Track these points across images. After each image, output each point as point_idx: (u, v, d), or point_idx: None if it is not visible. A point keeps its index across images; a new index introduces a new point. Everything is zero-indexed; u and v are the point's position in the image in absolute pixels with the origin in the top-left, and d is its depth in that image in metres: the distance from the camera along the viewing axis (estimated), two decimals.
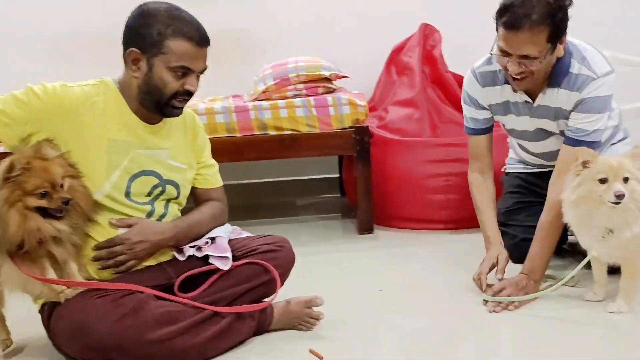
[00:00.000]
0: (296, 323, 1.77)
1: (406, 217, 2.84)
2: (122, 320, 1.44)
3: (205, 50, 1.61)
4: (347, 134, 2.73)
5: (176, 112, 1.64)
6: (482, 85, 2.09)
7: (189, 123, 1.79)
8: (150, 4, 1.59)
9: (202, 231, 1.75)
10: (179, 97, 1.60)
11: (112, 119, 1.60)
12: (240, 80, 3.43)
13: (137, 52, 1.57)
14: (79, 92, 1.58)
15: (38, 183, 1.43)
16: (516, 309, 1.87)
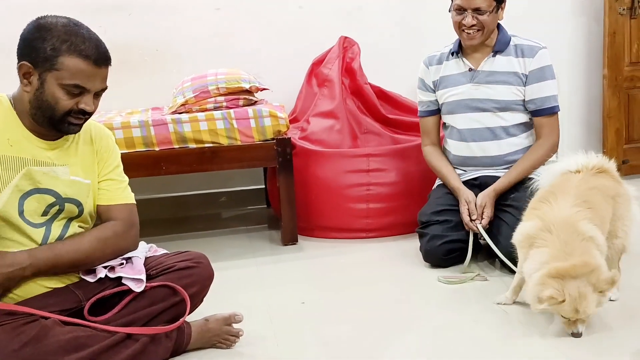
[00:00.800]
0: (215, 341, 1.75)
1: (329, 227, 2.87)
2: (23, 349, 1.36)
3: (103, 70, 1.54)
4: (268, 145, 2.73)
5: (72, 129, 1.57)
6: (428, 65, 2.51)
7: (95, 135, 1.70)
8: (48, 18, 1.53)
9: (81, 257, 1.59)
10: (73, 115, 1.53)
11: (3, 135, 1.52)
12: (160, 92, 3.36)
13: (29, 66, 1.50)
14: None
15: None
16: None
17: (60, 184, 1.59)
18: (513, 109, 2.36)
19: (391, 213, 2.82)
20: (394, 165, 2.83)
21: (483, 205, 2.29)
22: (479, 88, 2.37)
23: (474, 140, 2.39)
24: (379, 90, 3.20)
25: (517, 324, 1.86)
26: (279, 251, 2.75)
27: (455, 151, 2.46)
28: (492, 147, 2.38)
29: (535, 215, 1.87)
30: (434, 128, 2.55)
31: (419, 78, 2.55)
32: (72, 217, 1.63)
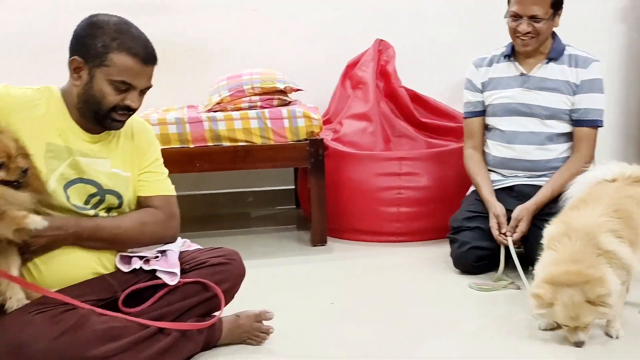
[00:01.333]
0: (245, 337, 1.76)
1: (359, 229, 2.87)
2: (61, 337, 1.39)
3: (150, 68, 1.59)
4: (301, 146, 2.74)
5: (115, 125, 1.61)
6: (478, 66, 2.50)
7: (136, 130, 1.73)
8: (100, 16, 1.58)
9: (120, 233, 1.63)
10: (118, 111, 1.58)
11: (53, 124, 1.57)
12: (195, 91, 3.40)
13: (80, 61, 1.55)
14: (21, 93, 1.56)
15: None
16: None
17: (102, 175, 1.63)
18: (560, 118, 2.34)
19: (422, 218, 2.80)
20: (427, 170, 2.81)
21: (519, 218, 2.24)
22: (529, 93, 2.35)
23: (517, 142, 2.37)
24: (413, 94, 3.18)
25: (548, 335, 1.82)
26: (308, 252, 2.76)
27: (496, 152, 2.43)
28: (535, 151, 2.35)
29: (561, 219, 1.84)
30: (479, 130, 2.50)
31: (467, 79, 2.52)
32: (112, 207, 1.67)
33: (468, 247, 2.30)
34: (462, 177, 2.66)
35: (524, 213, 2.24)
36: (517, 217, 2.25)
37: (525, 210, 2.25)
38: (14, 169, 1.41)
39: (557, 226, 1.82)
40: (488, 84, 2.45)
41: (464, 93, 2.54)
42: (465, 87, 2.53)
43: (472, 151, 2.50)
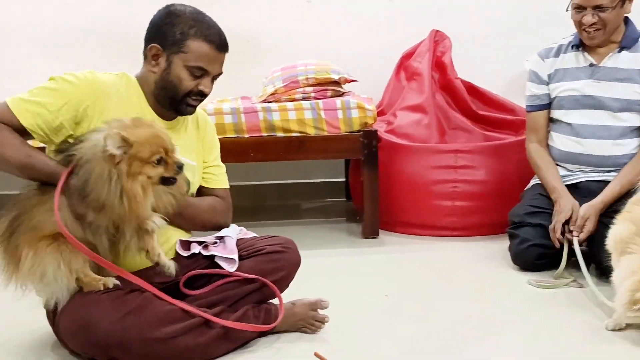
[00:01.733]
0: (301, 325, 1.76)
1: (412, 223, 2.82)
2: (125, 317, 1.42)
3: (223, 55, 1.65)
4: (354, 137, 2.72)
5: (189, 110, 1.67)
6: (544, 57, 2.37)
7: (201, 122, 1.81)
8: (176, 5, 1.65)
9: (197, 215, 1.72)
10: (192, 97, 1.63)
11: (132, 107, 1.62)
12: (248, 82, 3.42)
13: (158, 48, 1.61)
14: (107, 79, 1.62)
15: (153, 149, 1.42)
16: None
17: None
18: (632, 110, 2.22)
19: (478, 212, 2.73)
20: (484, 163, 2.74)
21: (586, 217, 2.12)
22: (599, 85, 2.24)
23: (586, 136, 2.26)
24: (469, 86, 3.11)
25: (610, 334, 1.74)
26: (359, 244, 2.74)
27: (562, 146, 2.33)
28: (604, 146, 2.23)
29: (628, 218, 1.75)
30: (543, 124, 2.38)
31: (532, 71, 2.41)
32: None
33: (529, 244, 2.22)
34: (521, 171, 2.58)
35: (590, 212, 2.13)
36: (584, 215, 2.13)
37: (592, 208, 2.13)
38: (172, 164, 1.45)
39: (626, 226, 1.73)
40: (554, 75, 2.33)
41: (527, 85, 2.43)
42: (529, 79, 2.42)
43: (537, 145, 2.38)
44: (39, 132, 1.52)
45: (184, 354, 1.51)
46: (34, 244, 1.42)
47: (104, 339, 1.42)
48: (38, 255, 1.41)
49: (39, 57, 3.37)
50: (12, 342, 1.75)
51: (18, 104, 1.51)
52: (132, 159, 1.41)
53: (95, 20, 3.37)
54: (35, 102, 1.51)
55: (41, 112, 1.51)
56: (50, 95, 1.52)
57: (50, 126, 1.52)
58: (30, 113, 1.50)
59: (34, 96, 1.53)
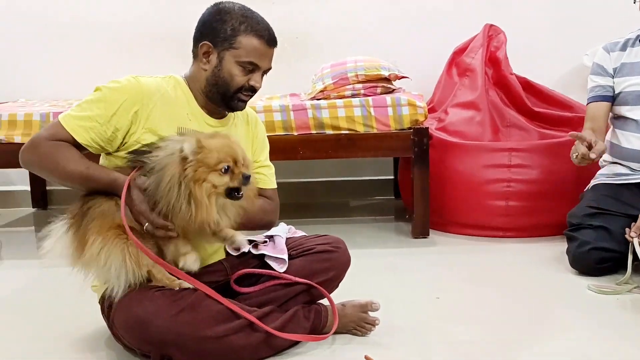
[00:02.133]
0: (351, 327, 1.73)
1: (463, 223, 2.76)
2: (179, 315, 1.43)
3: (272, 50, 1.65)
4: (405, 135, 2.67)
5: (240, 106, 1.67)
6: (609, 51, 2.31)
7: (252, 121, 1.81)
8: (225, 3, 1.65)
9: (248, 216, 1.64)
10: (244, 92, 1.64)
11: (182, 109, 1.63)
12: (297, 79, 3.42)
13: (209, 45, 1.61)
14: (152, 82, 1.63)
15: (221, 157, 1.43)
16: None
17: None
18: None
19: (533, 213, 2.64)
20: (540, 162, 2.64)
21: None
22: None
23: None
24: (525, 82, 3.01)
25: None
26: (409, 244, 2.69)
27: (627, 144, 2.22)
28: None
29: None
30: (603, 116, 2.29)
31: (596, 64, 2.34)
32: None
33: (589, 247, 2.12)
34: (579, 171, 2.47)
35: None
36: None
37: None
38: (237, 174, 1.45)
39: None
40: (620, 69, 2.26)
41: (590, 78, 2.35)
42: (593, 72, 2.34)
43: (590, 132, 2.23)
44: (94, 145, 1.56)
45: (237, 353, 1.51)
46: (102, 231, 1.44)
47: (159, 336, 1.43)
48: (105, 244, 1.43)
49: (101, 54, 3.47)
50: (68, 337, 1.80)
51: (70, 121, 1.54)
52: (199, 164, 1.42)
53: (154, 21, 3.44)
54: (85, 117, 1.54)
55: (93, 126, 1.53)
56: (98, 108, 1.54)
57: (103, 138, 1.55)
58: (83, 129, 1.53)
59: (83, 111, 1.55)
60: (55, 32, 3.50)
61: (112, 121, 1.54)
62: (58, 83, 3.50)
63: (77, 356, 1.67)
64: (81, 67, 3.49)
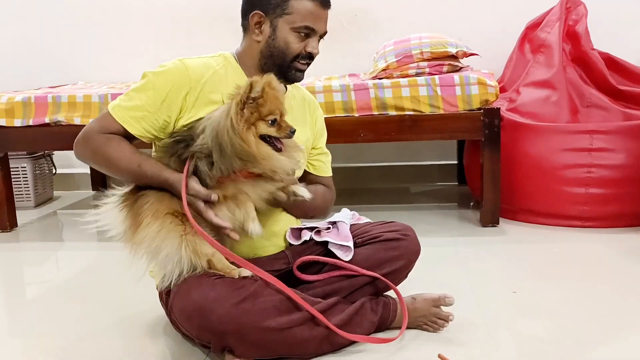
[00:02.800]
0: (421, 322, 1.60)
1: (536, 211, 2.56)
2: (241, 304, 1.33)
3: (326, 12, 1.55)
4: (474, 116, 2.49)
5: (298, 76, 1.58)
6: None
7: (311, 105, 1.73)
8: None
9: (312, 204, 1.58)
10: (300, 60, 1.55)
11: (233, 86, 1.52)
12: (356, 59, 3.30)
13: (261, 15, 1.53)
14: (200, 63, 1.55)
15: (272, 108, 1.38)
16: None
17: None
18: None
19: (616, 201, 2.42)
20: (625, 146, 2.41)
21: None
22: None
23: None
24: (607, 58, 2.76)
25: None
26: (478, 232, 2.52)
27: None
28: None
29: None
30: None
31: None
32: None
33: None
34: None
35: None
36: None
37: None
38: (285, 127, 1.41)
39: None
40: None
41: None
42: None
43: None
44: (146, 135, 1.50)
45: (300, 346, 1.42)
46: (159, 215, 1.39)
47: (219, 325, 1.34)
48: (162, 228, 1.38)
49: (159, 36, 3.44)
50: (126, 321, 1.76)
51: (120, 112, 1.49)
52: (253, 109, 1.36)
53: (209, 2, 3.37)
54: (135, 107, 1.48)
55: (144, 116, 1.48)
56: (147, 96, 1.48)
57: (155, 126, 1.49)
58: (134, 119, 1.48)
59: (132, 100, 1.49)
60: (113, 14, 3.48)
61: (162, 108, 1.48)
62: (116, 66, 3.49)
63: (135, 342, 1.62)
64: (139, 49, 3.47)
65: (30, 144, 2.79)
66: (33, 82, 3.43)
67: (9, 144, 2.71)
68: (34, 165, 3.26)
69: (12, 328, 1.78)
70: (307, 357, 1.45)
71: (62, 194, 3.59)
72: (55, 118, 2.65)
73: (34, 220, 3.02)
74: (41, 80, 3.46)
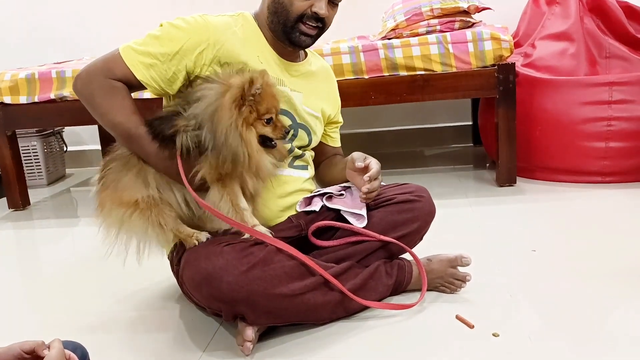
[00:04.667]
0: (438, 284, 1.56)
1: (555, 168, 2.49)
2: (250, 271, 1.30)
3: None
4: (488, 72, 2.41)
5: (303, 40, 1.49)
6: None
7: (330, 75, 1.70)
8: None
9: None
10: (306, 22, 1.46)
11: (252, 48, 1.49)
12: (364, 20, 3.19)
13: None
14: (220, 21, 1.48)
15: (269, 106, 1.34)
16: None
17: (295, 108, 1.56)
18: None
19: (638, 154, 2.35)
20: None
21: None
22: None
23: None
24: (626, 6, 2.64)
25: None
26: (494, 192, 2.46)
27: None
28: None
29: None
30: None
31: None
32: (301, 145, 1.60)
33: None
34: None
35: None
36: None
37: None
38: (280, 127, 1.37)
39: None
40: None
41: None
42: None
43: None
44: (153, 85, 1.44)
45: (314, 311, 1.39)
46: (115, 204, 1.40)
47: (229, 293, 1.30)
48: (122, 220, 1.40)
49: (167, 10, 3.37)
50: (141, 293, 1.75)
51: (131, 55, 1.42)
52: (251, 108, 1.31)
53: None
54: (146, 53, 1.41)
55: (153, 63, 1.41)
56: (161, 45, 1.41)
57: (164, 77, 1.42)
58: (144, 65, 1.41)
59: (145, 45, 1.42)
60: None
61: (174, 60, 1.41)
62: (120, 38, 3.43)
63: (149, 313, 1.62)
64: (142, 19, 3.40)
65: (36, 121, 2.76)
66: (37, 59, 3.39)
67: (16, 121, 2.69)
68: (44, 143, 3.25)
69: (32, 304, 1.78)
70: (321, 323, 1.43)
71: (75, 171, 3.59)
72: (61, 94, 2.62)
73: (47, 198, 3.03)
74: (46, 57, 3.43)
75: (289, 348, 1.38)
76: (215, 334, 1.47)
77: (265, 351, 1.37)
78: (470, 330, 1.38)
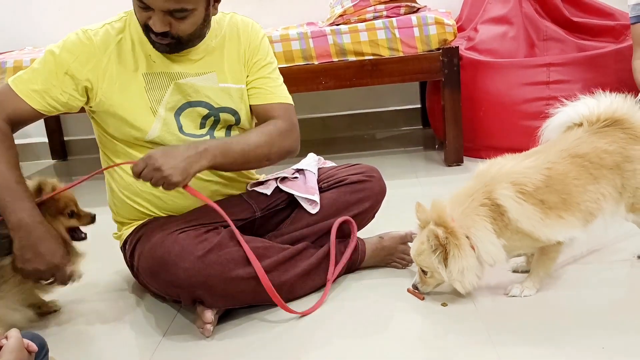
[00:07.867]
0: (390, 260, 1.64)
1: (499, 147, 2.55)
2: (206, 256, 1.33)
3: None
4: (433, 56, 2.49)
5: (158, 47, 1.41)
6: None
7: (242, 30, 1.53)
8: None
9: (250, 149, 1.43)
10: (153, 33, 1.37)
11: (142, 53, 1.45)
12: (312, 7, 3.22)
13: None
14: (104, 34, 1.44)
15: (67, 201, 1.48)
16: None
17: (211, 93, 1.50)
18: None
19: None
20: (580, 76, 2.45)
21: None
22: None
23: None
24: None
25: None
26: (443, 172, 2.56)
27: None
28: None
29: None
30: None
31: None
32: (230, 125, 1.55)
33: None
34: (622, 83, 2.26)
35: None
36: None
37: None
38: (85, 215, 1.51)
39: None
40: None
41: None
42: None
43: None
44: (53, 111, 1.44)
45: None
46: None
47: (185, 279, 1.33)
48: None
49: None
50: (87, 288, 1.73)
51: (22, 85, 1.41)
52: (49, 205, 1.45)
53: None
54: (37, 81, 1.41)
55: (47, 89, 1.41)
56: (49, 70, 1.41)
57: (60, 101, 1.42)
58: (38, 93, 1.41)
59: (33, 73, 1.42)
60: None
61: (65, 81, 1.41)
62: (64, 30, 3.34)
63: (106, 305, 1.62)
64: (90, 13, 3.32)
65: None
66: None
67: None
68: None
69: None
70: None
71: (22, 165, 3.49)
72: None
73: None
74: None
75: (248, 328, 1.42)
76: (174, 318, 1.50)
77: (225, 332, 1.41)
78: (421, 302, 1.46)
